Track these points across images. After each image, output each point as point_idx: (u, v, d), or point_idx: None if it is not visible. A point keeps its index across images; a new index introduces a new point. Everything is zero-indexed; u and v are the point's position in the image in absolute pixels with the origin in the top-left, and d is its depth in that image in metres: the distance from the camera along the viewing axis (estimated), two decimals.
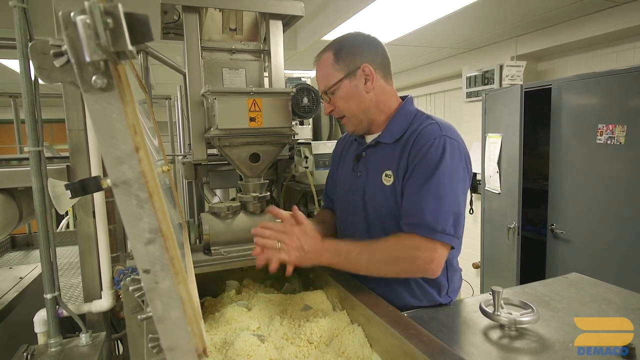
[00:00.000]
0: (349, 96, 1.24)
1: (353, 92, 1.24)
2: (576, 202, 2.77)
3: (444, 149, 1.13)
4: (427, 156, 1.13)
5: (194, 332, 0.44)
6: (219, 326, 1.14)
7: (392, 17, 2.95)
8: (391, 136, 1.25)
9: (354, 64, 1.23)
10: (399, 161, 1.20)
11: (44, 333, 1.19)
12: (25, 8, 1.06)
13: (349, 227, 1.34)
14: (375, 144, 1.28)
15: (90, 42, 0.36)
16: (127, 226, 0.42)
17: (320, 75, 1.29)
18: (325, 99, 1.30)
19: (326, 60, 1.26)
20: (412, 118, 1.26)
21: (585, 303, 1.21)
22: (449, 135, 1.16)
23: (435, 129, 1.18)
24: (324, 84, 1.27)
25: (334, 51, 1.25)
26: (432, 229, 1.09)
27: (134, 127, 0.41)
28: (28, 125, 1.11)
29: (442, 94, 5.14)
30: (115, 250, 1.38)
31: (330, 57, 1.25)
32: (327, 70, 1.25)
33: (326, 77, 1.26)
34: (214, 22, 1.53)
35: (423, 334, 0.88)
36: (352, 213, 1.33)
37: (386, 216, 1.23)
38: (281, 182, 2.01)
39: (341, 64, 1.23)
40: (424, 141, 1.15)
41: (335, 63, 1.24)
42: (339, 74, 1.24)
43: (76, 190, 0.62)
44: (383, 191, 1.22)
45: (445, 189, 1.11)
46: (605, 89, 2.55)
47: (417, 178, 1.14)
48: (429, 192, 1.11)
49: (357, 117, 1.27)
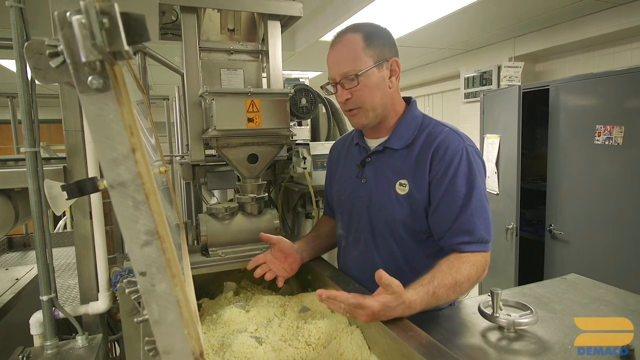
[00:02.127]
0: (375, 86, 1.16)
1: (379, 83, 1.17)
2: (574, 202, 2.77)
3: (470, 161, 1.13)
4: (459, 170, 1.12)
5: (190, 335, 0.44)
6: (216, 328, 1.13)
7: (390, 18, 2.95)
8: (400, 142, 1.21)
9: (384, 54, 1.16)
10: (415, 170, 1.17)
11: (40, 335, 1.19)
12: (22, 8, 1.06)
13: (353, 235, 1.31)
14: (383, 149, 1.23)
15: (86, 42, 0.36)
16: (123, 228, 0.41)
17: (343, 56, 1.16)
18: (341, 85, 1.18)
19: (354, 42, 1.15)
20: (420, 123, 1.23)
21: (583, 304, 1.21)
22: (471, 144, 1.17)
23: (457, 139, 1.15)
24: (349, 66, 1.15)
25: (364, 35, 1.15)
26: (487, 242, 1.13)
27: (131, 128, 0.40)
28: (24, 126, 1.10)
29: (440, 94, 5.15)
30: (112, 252, 1.38)
31: (359, 40, 1.15)
32: (356, 53, 1.14)
33: (353, 60, 1.15)
34: (212, 23, 1.52)
35: (422, 336, 0.88)
36: (356, 221, 1.29)
37: (398, 226, 1.19)
38: (279, 183, 2.00)
39: (372, 50, 1.15)
40: (452, 153, 1.13)
41: (367, 47, 1.14)
42: (369, 60, 1.15)
43: (73, 191, 0.61)
44: (397, 200, 1.18)
45: (484, 200, 1.13)
46: (603, 89, 2.55)
47: (457, 193, 1.12)
48: (477, 206, 1.11)
49: (375, 111, 1.19)
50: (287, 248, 1.30)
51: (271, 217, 1.48)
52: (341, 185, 1.37)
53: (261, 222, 1.46)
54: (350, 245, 1.32)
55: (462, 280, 1.05)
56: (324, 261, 1.44)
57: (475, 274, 1.09)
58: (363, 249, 1.27)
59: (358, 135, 1.34)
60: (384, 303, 0.91)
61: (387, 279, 0.92)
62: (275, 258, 1.31)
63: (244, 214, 1.46)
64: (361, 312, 0.92)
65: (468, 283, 1.07)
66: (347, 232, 1.34)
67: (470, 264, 1.09)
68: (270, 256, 1.32)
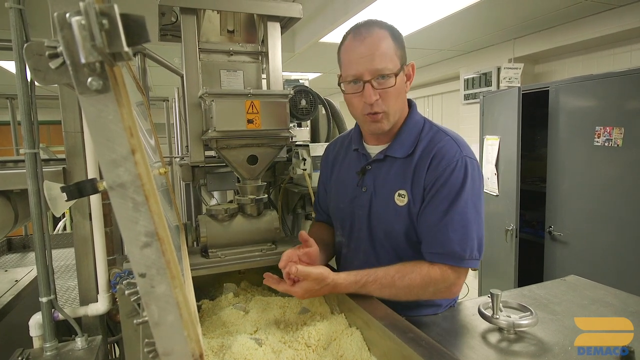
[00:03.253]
0: (400, 91, 1.11)
1: (402, 88, 1.13)
2: (574, 204, 2.77)
3: (466, 172, 1.09)
4: (449, 180, 1.08)
5: (190, 337, 0.44)
6: (216, 329, 1.13)
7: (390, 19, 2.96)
8: (402, 150, 1.17)
9: (405, 57, 1.12)
10: (412, 180, 1.14)
11: (40, 337, 1.18)
12: (22, 9, 1.06)
13: (354, 243, 1.29)
14: (384, 157, 1.20)
15: (86, 43, 0.36)
16: (123, 229, 0.41)
17: (378, 52, 1.06)
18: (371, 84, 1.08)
19: (387, 39, 1.07)
20: (421, 129, 1.19)
21: (583, 306, 1.21)
22: (469, 155, 1.12)
23: (454, 149, 1.11)
24: (383, 63, 1.06)
25: (391, 34, 1.09)
26: (460, 258, 1.07)
27: (130, 129, 0.40)
28: (24, 127, 1.10)
29: (439, 96, 5.16)
30: (112, 253, 1.37)
31: (389, 38, 1.08)
32: (389, 51, 1.07)
33: (389, 58, 1.06)
34: (212, 24, 1.52)
35: (422, 338, 0.88)
36: (357, 229, 1.26)
37: (398, 236, 1.17)
38: (279, 185, 2.00)
39: (399, 51, 1.09)
40: (446, 163, 1.09)
41: (396, 47, 1.09)
42: (397, 61, 1.08)
43: (72, 192, 0.61)
44: (396, 211, 1.16)
45: (469, 214, 1.08)
46: (602, 91, 2.55)
47: (440, 203, 1.08)
48: (454, 219, 1.07)
49: (395, 116, 1.15)
50: (314, 256, 1.19)
51: (271, 219, 1.48)
52: (340, 192, 1.34)
53: (261, 224, 1.46)
54: (351, 253, 1.30)
55: (401, 286, 1.06)
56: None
57: (419, 285, 1.06)
58: (363, 258, 1.25)
59: (357, 140, 1.31)
60: (306, 289, 1.06)
61: (302, 273, 1.04)
62: (300, 259, 1.18)
63: (244, 216, 1.46)
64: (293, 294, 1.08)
65: (406, 290, 1.06)
66: (347, 240, 1.32)
67: (420, 274, 1.07)
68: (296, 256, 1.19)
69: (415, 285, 1.06)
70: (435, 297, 1.12)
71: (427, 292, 1.08)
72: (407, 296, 1.08)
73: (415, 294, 1.07)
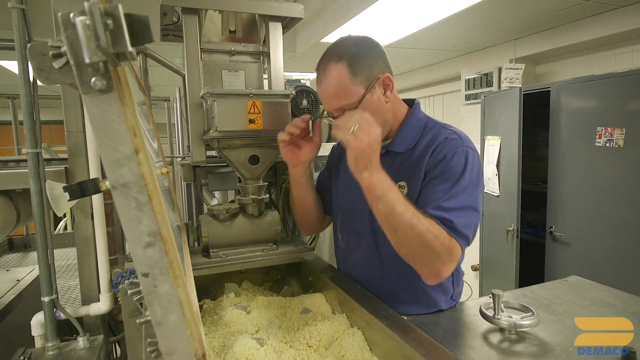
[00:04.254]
0: (373, 111, 1.10)
1: (376, 106, 1.13)
2: (575, 204, 2.77)
3: (466, 160, 1.09)
4: (450, 165, 1.09)
5: (193, 336, 0.44)
6: (217, 329, 1.13)
7: (391, 20, 2.95)
8: (403, 145, 1.19)
9: (373, 74, 1.11)
10: (413, 172, 1.15)
11: (41, 336, 1.18)
12: (24, 9, 1.06)
13: (355, 237, 1.30)
14: (385, 152, 1.22)
15: (90, 43, 0.36)
16: (126, 229, 0.41)
17: (333, 93, 1.12)
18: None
19: (340, 74, 1.10)
20: (423, 125, 1.20)
21: (585, 306, 1.21)
22: (470, 146, 1.13)
23: (455, 139, 1.13)
24: (341, 102, 1.12)
25: (348, 62, 1.09)
26: (455, 230, 1.04)
27: (134, 129, 0.40)
28: (26, 127, 1.10)
29: (440, 96, 5.15)
30: (114, 253, 1.38)
31: (344, 71, 1.09)
32: (344, 87, 1.10)
33: (344, 95, 1.11)
34: (214, 24, 1.53)
35: (423, 338, 0.88)
36: (359, 223, 1.28)
37: None
38: (280, 185, 2.00)
39: (360, 77, 1.10)
40: (447, 150, 1.11)
41: (353, 77, 1.09)
42: (359, 89, 1.10)
43: (74, 192, 0.62)
44: None
45: (467, 199, 1.07)
46: (604, 91, 2.55)
47: (440, 184, 1.09)
48: (452, 199, 1.06)
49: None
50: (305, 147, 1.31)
51: (272, 219, 1.48)
52: (344, 187, 1.36)
53: (262, 224, 1.46)
54: (352, 247, 1.31)
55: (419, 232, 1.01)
56: (324, 262, 1.44)
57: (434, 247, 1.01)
58: (365, 251, 1.26)
59: None
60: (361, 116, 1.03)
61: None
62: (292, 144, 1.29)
63: (245, 216, 1.46)
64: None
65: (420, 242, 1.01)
66: (348, 234, 1.33)
67: (435, 232, 1.01)
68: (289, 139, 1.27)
69: (424, 228, 1.01)
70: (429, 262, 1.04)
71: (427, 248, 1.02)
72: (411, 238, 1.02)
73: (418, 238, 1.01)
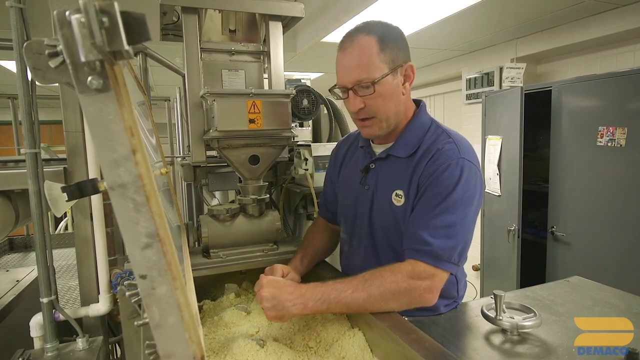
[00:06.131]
0: (390, 95, 1.09)
1: (394, 92, 1.10)
2: (577, 204, 2.76)
3: (461, 173, 1.05)
4: (441, 178, 1.05)
5: (191, 339, 0.43)
6: (217, 330, 1.13)
7: (392, 19, 2.95)
8: (405, 149, 1.16)
9: (398, 59, 1.09)
10: (410, 181, 1.12)
11: (41, 337, 1.18)
12: (22, 8, 1.05)
13: (355, 240, 1.29)
14: (387, 156, 1.19)
15: (86, 41, 0.35)
16: (124, 230, 0.41)
17: (356, 63, 1.07)
18: (354, 92, 1.10)
19: (368, 46, 1.06)
20: (427, 130, 1.17)
21: (587, 307, 1.20)
22: (467, 158, 1.09)
23: (453, 150, 1.09)
24: (362, 74, 1.06)
25: (378, 38, 1.06)
26: (438, 258, 1.02)
27: (131, 129, 0.40)
28: (25, 127, 1.09)
29: (441, 95, 5.14)
30: (113, 253, 1.37)
31: (374, 44, 1.06)
32: (371, 59, 1.05)
33: (367, 67, 1.06)
34: (214, 24, 1.52)
35: (424, 339, 0.87)
36: (358, 227, 1.27)
37: (395, 236, 1.16)
38: (280, 185, 2.00)
39: (387, 56, 1.06)
40: (441, 162, 1.07)
41: (381, 52, 1.06)
42: (383, 66, 1.06)
43: (73, 192, 0.61)
44: (392, 211, 1.15)
45: (457, 215, 1.04)
46: (605, 91, 2.54)
47: (429, 200, 1.06)
48: (440, 217, 1.03)
49: (388, 121, 1.14)
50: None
51: (272, 219, 1.47)
52: (345, 190, 1.34)
53: (262, 224, 1.45)
54: (353, 250, 1.31)
55: (386, 292, 1.00)
56: (326, 264, 1.43)
57: (405, 288, 1.00)
58: (364, 255, 1.26)
59: (364, 139, 1.30)
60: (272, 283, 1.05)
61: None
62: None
63: (245, 216, 1.45)
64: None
65: (392, 297, 1.00)
66: (349, 238, 1.32)
67: (401, 275, 1.01)
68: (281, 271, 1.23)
69: (387, 283, 1.00)
70: (412, 302, 1.03)
71: (401, 295, 1.01)
72: (383, 302, 1.01)
73: (390, 296, 1.01)
